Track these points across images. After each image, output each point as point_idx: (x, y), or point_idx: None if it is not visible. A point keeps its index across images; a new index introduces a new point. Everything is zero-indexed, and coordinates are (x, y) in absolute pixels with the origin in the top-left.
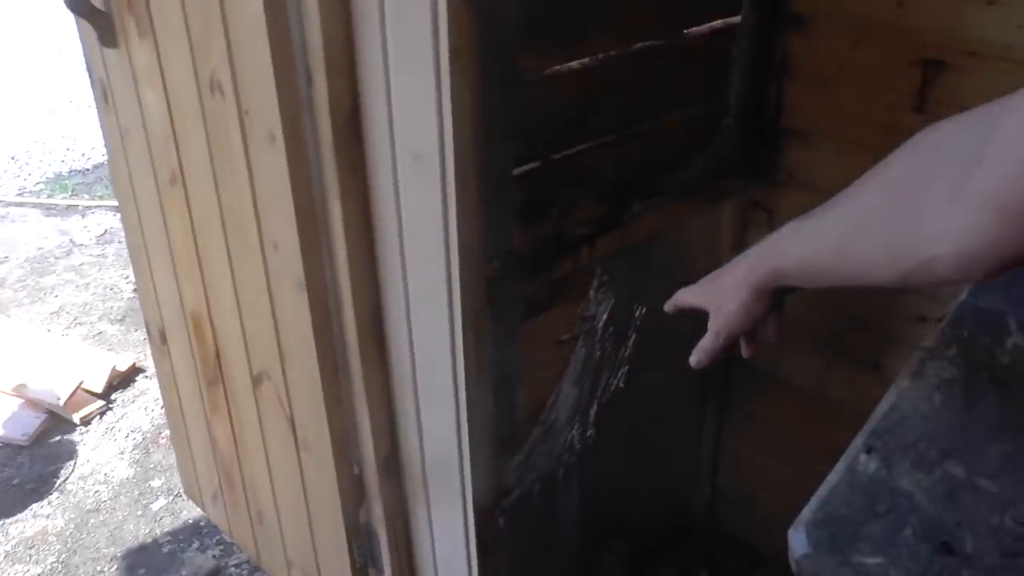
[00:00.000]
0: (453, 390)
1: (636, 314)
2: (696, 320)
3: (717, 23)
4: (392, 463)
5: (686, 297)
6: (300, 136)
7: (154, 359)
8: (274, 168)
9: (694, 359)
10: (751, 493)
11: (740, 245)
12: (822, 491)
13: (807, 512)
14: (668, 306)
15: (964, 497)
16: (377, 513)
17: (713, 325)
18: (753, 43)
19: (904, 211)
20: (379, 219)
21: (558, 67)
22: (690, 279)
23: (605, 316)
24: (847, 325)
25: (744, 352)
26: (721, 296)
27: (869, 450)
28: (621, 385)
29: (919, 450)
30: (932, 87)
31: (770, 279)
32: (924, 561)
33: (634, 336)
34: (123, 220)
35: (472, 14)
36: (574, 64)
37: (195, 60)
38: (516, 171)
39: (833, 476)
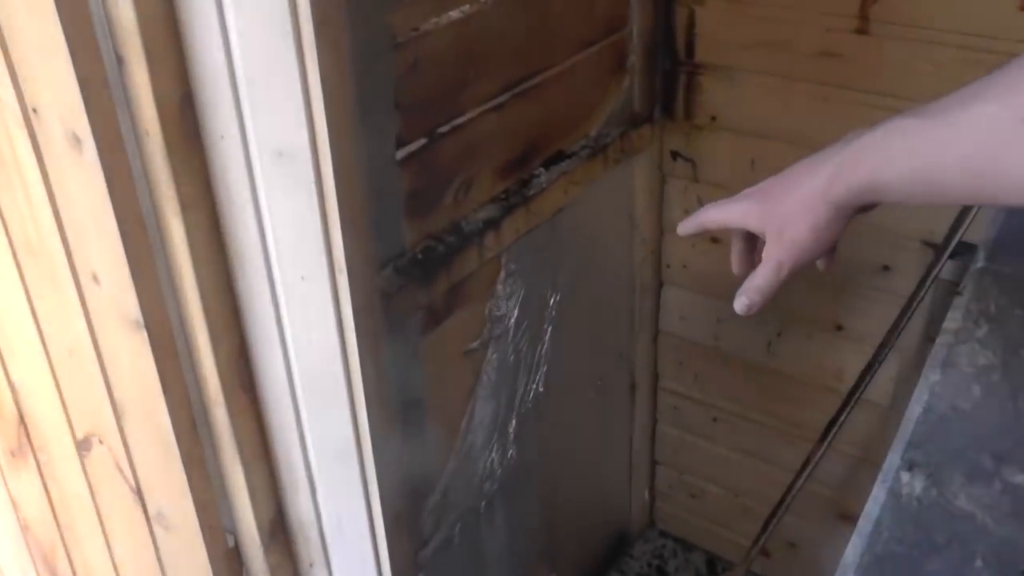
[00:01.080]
0: (353, 432)
1: (551, 303)
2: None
3: None
4: (278, 527)
5: (721, 215)
6: (116, 137)
7: None
8: (84, 180)
9: (743, 303)
10: (697, 489)
11: (658, 204)
12: (863, 526)
13: (851, 555)
14: (685, 227)
15: None
16: None
17: (773, 254)
18: None
19: None
20: (235, 235)
21: (435, 19)
22: (605, 251)
23: (516, 312)
24: (799, 282)
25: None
26: (783, 215)
27: (910, 467)
28: (540, 389)
29: (969, 458)
30: (875, 5)
31: (860, 193)
32: None
33: (550, 329)
34: None
35: None
36: (453, 13)
37: None
38: (399, 154)
39: (873, 506)
